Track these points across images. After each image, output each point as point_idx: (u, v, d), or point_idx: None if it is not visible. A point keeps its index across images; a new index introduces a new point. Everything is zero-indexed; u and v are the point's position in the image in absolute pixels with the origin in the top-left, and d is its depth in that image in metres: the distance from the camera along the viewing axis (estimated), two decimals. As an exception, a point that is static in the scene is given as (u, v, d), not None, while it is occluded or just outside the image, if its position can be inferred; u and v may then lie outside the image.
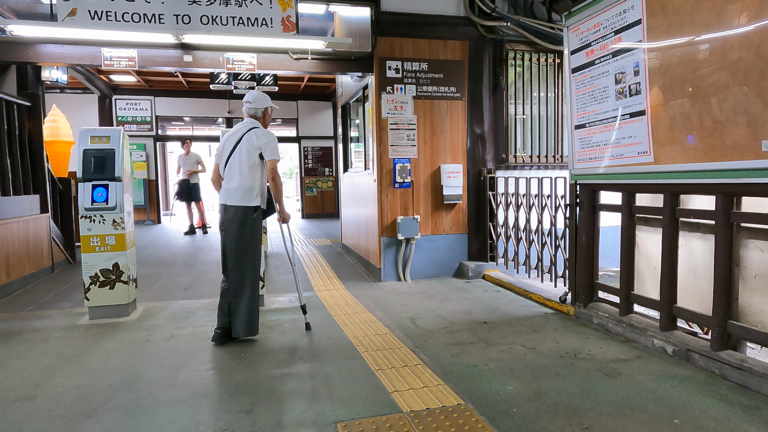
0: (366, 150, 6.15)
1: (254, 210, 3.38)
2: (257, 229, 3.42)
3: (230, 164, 3.39)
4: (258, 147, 3.37)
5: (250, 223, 3.36)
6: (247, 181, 3.34)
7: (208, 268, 6.13)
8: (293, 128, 12.94)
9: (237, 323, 3.34)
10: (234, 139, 3.41)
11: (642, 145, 3.11)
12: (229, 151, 3.41)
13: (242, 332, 3.32)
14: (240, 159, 3.35)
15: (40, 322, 3.91)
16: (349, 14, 5.84)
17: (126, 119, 11.51)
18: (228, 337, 3.37)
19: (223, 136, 3.55)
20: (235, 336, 3.36)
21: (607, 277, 4.77)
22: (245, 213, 3.34)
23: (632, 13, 3.13)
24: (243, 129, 3.43)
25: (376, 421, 2.22)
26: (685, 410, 2.32)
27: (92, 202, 3.89)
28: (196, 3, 4.50)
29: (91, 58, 4.74)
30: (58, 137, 6.66)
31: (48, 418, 2.33)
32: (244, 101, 3.51)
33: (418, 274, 5.42)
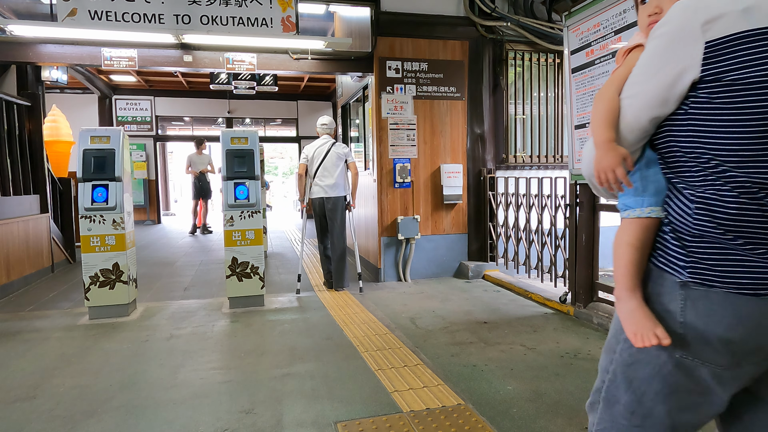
0: (366, 150, 6.15)
1: (344, 198, 4.89)
2: (345, 211, 4.91)
3: (324, 167, 4.81)
4: (344, 155, 4.86)
5: (341, 207, 4.84)
6: (339, 179, 4.83)
7: (208, 268, 6.13)
8: (293, 128, 12.94)
9: (335, 280, 4.83)
10: (323, 150, 4.84)
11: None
12: (320, 158, 4.81)
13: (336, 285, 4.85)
14: (333, 164, 4.81)
15: (40, 322, 3.91)
16: (349, 14, 5.84)
17: (126, 119, 11.51)
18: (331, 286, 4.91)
19: (310, 147, 4.94)
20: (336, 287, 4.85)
21: (607, 277, 4.77)
22: (341, 201, 4.84)
23: (632, 14, 3.13)
24: (327, 143, 4.88)
25: (376, 421, 2.22)
26: (685, 410, 2.32)
27: (92, 202, 3.89)
28: (196, 3, 4.50)
29: (91, 58, 4.74)
30: (58, 137, 6.66)
31: (48, 418, 2.33)
32: (320, 124, 4.95)
33: (418, 274, 5.42)
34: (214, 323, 3.80)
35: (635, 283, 0.98)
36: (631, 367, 1.00)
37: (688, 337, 0.92)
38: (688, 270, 0.91)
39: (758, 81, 0.83)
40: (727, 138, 0.86)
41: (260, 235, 4.27)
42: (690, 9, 0.88)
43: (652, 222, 0.98)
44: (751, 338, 0.87)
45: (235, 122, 12.76)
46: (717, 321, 0.88)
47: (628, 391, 1.01)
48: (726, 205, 0.87)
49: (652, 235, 0.98)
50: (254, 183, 4.25)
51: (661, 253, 0.96)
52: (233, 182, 4.20)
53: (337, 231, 4.83)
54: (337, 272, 4.86)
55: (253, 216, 4.23)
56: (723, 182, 0.87)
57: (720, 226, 0.87)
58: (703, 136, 0.89)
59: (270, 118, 12.98)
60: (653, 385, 0.97)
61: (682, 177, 0.93)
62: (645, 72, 0.93)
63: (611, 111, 0.97)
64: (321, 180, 4.83)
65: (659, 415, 0.98)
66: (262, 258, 4.26)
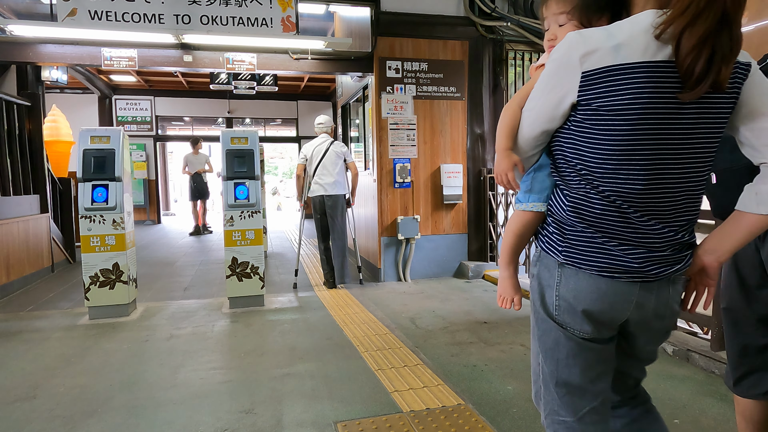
0: (366, 150, 6.15)
1: (344, 197, 4.93)
2: (345, 209, 4.97)
3: (323, 166, 4.85)
4: (343, 153, 4.92)
5: (341, 204, 4.89)
6: (339, 177, 4.88)
7: (208, 268, 6.13)
8: (293, 128, 12.93)
9: (337, 275, 4.87)
10: (322, 148, 4.88)
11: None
12: (319, 157, 4.85)
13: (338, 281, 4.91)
14: (331, 162, 4.85)
15: (40, 322, 3.91)
16: (349, 14, 5.84)
17: (126, 119, 11.50)
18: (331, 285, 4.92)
19: (309, 146, 4.98)
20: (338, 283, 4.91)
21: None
22: (341, 199, 4.89)
23: (632, 13, 3.12)
24: (326, 141, 4.92)
25: (376, 421, 2.22)
26: (685, 410, 2.32)
27: (92, 202, 3.88)
28: (196, 3, 4.50)
29: (91, 58, 4.74)
30: (58, 137, 6.66)
31: (48, 418, 2.33)
32: (317, 123, 5.02)
33: (418, 274, 5.42)
34: (214, 323, 3.80)
35: (511, 260, 1.24)
36: (542, 338, 1.16)
37: (562, 308, 1.10)
38: (563, 253, 1.09)
39: (617, 109, 0.96)
40: (593, 154, 1.02)
41: (260, 235, 4.27)
42: (574, 41, 0.99)
43: (534, 215, 1.16)
44: (606, 313, 1.07)
45: (235, 122, 12.75)
46: (582, 296, 1.07)
47: (548, 360, 1.15)
48: (591, 208, 1.05)
49: (532, 226, 1.18)
50: (254, 183, 4.25)
51: (547, 239, 1.14)
52: (233, 182, 4.20)
53: (337, 228, 4.88)
54: (339, 268, 4.90)
55: (253, 216, 4.23)
56: (591, 188, 1.04)
57: (585, 223, 1.05)
58: (578, 150, 1.05)
59: (270, 118, 12.98)
60: (559, 351, 1.13)
61: (563, 180, 1.10)
62: (539, 91, 1.07)
63: (512, 123, 1.12)
64: (320, 178, 4.88)
65: (576, 378, 1.12)
66: (262, 258, 4.26)
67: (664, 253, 1.05)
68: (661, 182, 1.01)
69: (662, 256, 1.05)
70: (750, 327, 1.51)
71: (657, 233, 1.04)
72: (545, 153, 1.15)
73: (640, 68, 0.95)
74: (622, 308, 1.07)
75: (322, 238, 5.01)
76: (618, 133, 0.98)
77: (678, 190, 1.03)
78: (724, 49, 0.93)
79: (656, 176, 1.01)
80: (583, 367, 1.12)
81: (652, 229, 1.03)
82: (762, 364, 1.51)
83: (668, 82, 0.95)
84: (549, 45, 1.17)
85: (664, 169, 1.01)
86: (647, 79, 0.95)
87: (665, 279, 1.07)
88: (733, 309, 1.55)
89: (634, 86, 0.96)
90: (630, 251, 1.04)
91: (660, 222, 1.04)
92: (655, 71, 0.95)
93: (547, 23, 1.18)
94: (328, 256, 4.99)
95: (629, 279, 1.05)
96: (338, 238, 4.90)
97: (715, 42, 0.92)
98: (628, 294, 1.06)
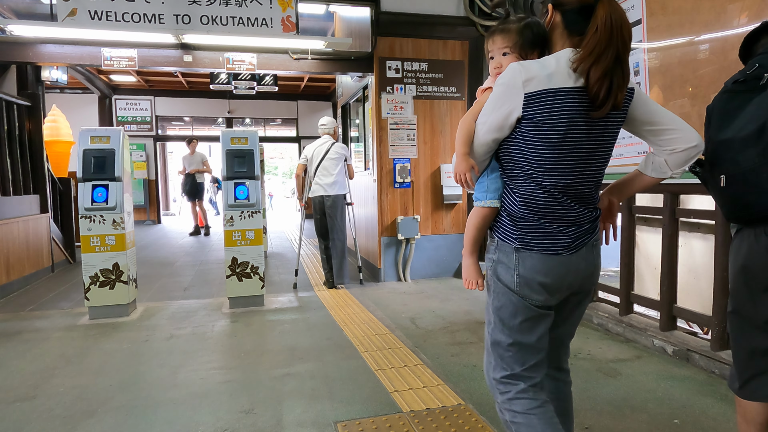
0: (366, 150, 6.15)
1: (344, 197, 4.97)
2: (345, 209, 5.01)
3: (323, 166, 4.89)
4: (343, 154, 4.95)
5: (341, 204, 4.93)
6: (339, 177, 4.91)
7: (208, 268, 6.13)
8: (293, 128, 12.94)
9: (336, 275, 4.90)
10: (323, 149, 4.92)
11: (642, 145, 3.11)
12: (320, 158, 4.89)
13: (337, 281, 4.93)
14: (332, 163, 4.89)
15: (40, 322, 3.91)
16: (349, 14, 5.84)
17: (126, 119, 11.51)
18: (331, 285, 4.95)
19: (310, 147, 5.02)
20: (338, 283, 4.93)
21: (607, 277, 4.77)
22: (341, 199, 4.93)
23: (632, 13, 3.13)
24: (327, 143, 4.96)
25: (376, 421, 2.22)
26: (685, 410, 2.32)
27: (92, 202, 3.88)
28: (196, 3, 4.49)
29: (91, 58, 4.74)
30: (58, 137, 6.65)
31: (48, 418, 2.33)
32: (320, 124, 5.07)
33: (418, 274, 5.42)
34: (214, 323, 3.80)
35: (474, 249, 1.47)
36: (500, 310, 1.44)
37: (522, 284, 1.38)
38: (518, 240, 1.37)
39: (551, 122, 1.28)
40: (535, 156, 1.32)
41: (260, 235, 4.27)
42: (517, 70, 1.30)
43: (490, 210, 1.43)
44: (556, 281, 1.38)
45: (235, 122, 12.76)
46: (536, 272, 1.36)
47: (505, 328, 1.44)
48: (536, 199, 1.34)
49: (489, 220, 1.44)
50: (254, 183, 4.25)
51: (502, 230, 1.41)
52: (233, 182, 4.20)
53: (337, 228, 4.91)
54: (338, 268, 4.93)
55: (253, 216, 4.23)
56: (535, 184, 1.34)
57: (533, 213, 1.35)
58: (524, 154, 1.34)
59: (270, 118, 12.99)
60: (516, 319, 1.41)
61: (512, 180, 1.38)
62: (491, 107, 1.35)
63: (469, 132, 1.39)
64: (320, 179, 4.91)
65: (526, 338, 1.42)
66: (262, 258, 4.26)
67: (585, 227, 1.40)
68: (583, 175, 1.35)
69: (584, 230, 1.40)
70: (757, 330, 1.50)
71: (580, 213, 1.37)
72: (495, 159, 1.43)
73: (567, 92, 1.28)
74: (566, 275, 1.38)
75: (322, 239, 5.02)
76: (553, 140, 1.30)
77: (592, 179, 1.38)
78: (619, 80, 1.27)
79: (579, 170, 1.34)
80: (532, 329, 1.42)
81: (577, 211, 1.37)
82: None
83: (584, 103, 1.28)
84: (495, 72, 1.46)
85: (584, 165, 1.34)
86: (572, 99, 1.28)
87: (589, 245, 1.41)
88: (740, 312, 1.54)
89: (563, 105, 1.28)
90: (565, 230, 1.36)
91: (581, 204, 1.38)
92: (577, 94, 1.28)
93: (493, 54, 1.47)
94: (328, 255, 5.00)
95: (568, 252, 1.37)
96: (338, 239, 4.91)
97: (613, 75, 1.26)
98: (567, 264, 1.37)
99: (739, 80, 1.50)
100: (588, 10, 1.29)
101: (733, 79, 1.53)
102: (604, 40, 1.25)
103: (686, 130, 1.37)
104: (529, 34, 1.41)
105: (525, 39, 1.41)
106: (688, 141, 1.36)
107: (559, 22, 1.36)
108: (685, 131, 1.37)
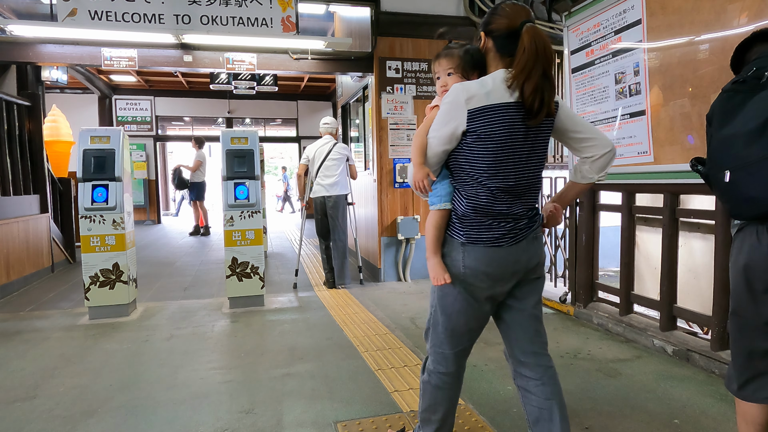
0: (366, 150, 6.15)
1: (346, 197, 5.00)
2: (347, 209, 5.03)
3: (325, 166, 4.89)
4: (345, 155, 4.97)
5: (343, 204, 4.95)
6: (341, 178, 4.93)
7: (208, 268, 6.13)
8: (293, 128, 12.94)
9: (337, 276, 4.93)
10: (325, 150, 4.92)
11: (642, 145, 3.11)
12: (321, 158, 4.89)
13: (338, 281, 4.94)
14: (334, 164, 4.89)
15: (40, 322, 3.91)
16: (349, 14, 5.84)
17: (126, 119, 11.51)
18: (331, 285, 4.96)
19: (312, 147, 5.01)
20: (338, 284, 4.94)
21: (607, 277, 4.77)
22: (342, 199, 4.94)
23: (632, 13, 3.13)
24: (329, 143, 4.95)
25: (376, 421, 2.22)
26: (685, 410, 2.32)
27: (92, 202, 3.88)
28: (196, 3, 4.49)
29: (91, 58, 4.74)
30: (58, 137, 6.65)
31: (48, 418, 2.33)
32: (323, 123, 5.05)
33: (419, 274, 5.42)
34: (214, 323, 3.80)
35: (436, 248, 1.61)
36: (442, 299, 1.64)
37: (467, 274, 1.56)
38: (464, 236, 1.56)
39: (492, 133, 1.48)
40: (480, 163, 1.51)
41: (260, 235, 4.27)
42: (460, 90, 1.50)
43: (445, 212, 1.60)
44: (499, 270, 1.56)
45: (235, 122, 12.76)
46: (480, 262, 1.55)
47: (444, 314, 1.65)
48: (480, 200, 1.54)
49: (445, 220, 1.61)
50: (254, 183, 4.25)
51: (452, 228, 1.60)
52: (233, 182, 4.20)
53: (339, 228, 4.92)
54: (339, 268, 4.94)
55: (253, 216, 4.23)
56: (480, 187, 1.53)
57: (477, 212, 1.54)
58: (470, 162, 1.53)
59: (270, 118, 12.99)
60: (455, 306, 1.61)
61: (460, 184, 1.58)
62: (440, 123, 1.54)
63: (422, 145, 1.58)
64: (322, 179, 4.92)
65: (460, 324, 1.64)
66: (262, 258, 4.26)
67: (524, 222, 1.58)
68: (522, 176, 1.54)
69: (524, 225, 1.58)
70: (757, 331, 1.50)
71: (520, 211, 1.56)
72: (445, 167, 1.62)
73: (504, 107, 1.48)
74: (507, 265, 1.56)
75: (323, 239, 5.02)
76: (495, 148, 1.50)
77: (530, 181, 1.57)
78: (549, 92, 1.48)
79: (519, 173, 1.54)
80: (469, 319, 1.63)
81: (517, 209, 1.56)
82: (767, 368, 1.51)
83: (520, 114, 1.49)
84: (441, 90, 1.64)
85: (523, 168, 1.54)
86: (508, 113, 1.48)
87: (530, 238, 1.59)
88: (740, 313, 1.54)
89: (502, 117, 1.48)
90: (506, 225, 1.55)
91: (521, 203, 1.57)
92: (512, 108, 1.48)
93: (439, 75, 1.66)
94: (329, 255, 5.00)
95: (508, 244, 1.55)
96: (339, 239, 4.92)
97: (543, 88, 1.46)
98: (508, 255, 1.55)
99: (739, 80, 1.50)
100: (515, 35, 1.49)
101: (732, 81, 1.53)
102: (532, 60, 1.44)
103: (602, 139, 1.61)
104: (469, 58, 1.62)
105: (466, 62, 1.62)
106: (603, 147, 1.60)
107: (492, 47, 1.57)
108: (601, 139, 1.61)
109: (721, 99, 1.53)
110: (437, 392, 1.70)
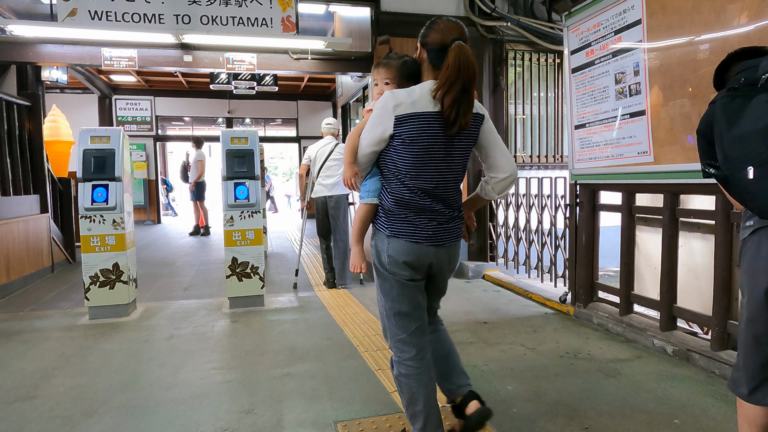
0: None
1: (347, 197, 5.03)
2: (348, 209, 5.06)
3: (327, 167, 4.89)
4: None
5: (344, 204, 4.99)
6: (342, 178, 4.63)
7: (208, 268, 6.13)
8: (293, 128, 12.94)
9: (338, 276, 4.97)
10: (326, 150, 4.92)
11: (642, 145, 3.11)
12: (323, 159, 4.89)
13: (339, 282, 4.99)
14: (335, 164, 4.88)
15: (40, 322, 3.91)
16: (349, 14, 5.84)
17: (126, 119, 11.51)
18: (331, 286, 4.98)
19: (313, 147, 5.00)
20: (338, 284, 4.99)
21: (607, 277, 4.77)
22: (344, 199, 4.98)
23: (632, 13, 3.13)
24: (330, 143, 4.96)
25: (376, 421, 2.22)
26: (685, 410, 2.32)
27: (92, 202, 3.88)
28: (196, 3, 4.50)
29: (91, 58, 4.75)
30: (58, 137, 6.65)
31: (48, 418, 2.33)
32: (325, 123, 5.06)
33: (418, 274, 5.40)
34: (214, 323, 3.80)
35: (359, 238, 1.82)
36: (381, 285, 1.80)
37: (390, 262, 1.73)
38: (389, 229, 1.73)
39: (415, 138, 1.65)
40: (404, 164, 1.68)
41: (260, 235, 4.27)
42: (390, 97, 1.66)
43: (372, 206, 1.78)
44: (416, 261, 1.73)
45: (235, 122, 12.75)
46: (402, 253, 1.72)
47: (387, 299, 1.79)
48: (404, 197, 1.71)
49: (371, 214, 1.79)
50: (254, 183, 4.25)
51: (379, 221, 1.77)
52: (233, 182, 4.20)
53: (340, 228, 4.93)
54: (341, 268, 4.95)
55: (253, 216, 4.23)
56: (403, 186, 1.70)
57: (401, 207, 1.71)
58: (395, 162, 1.70)
59: (270, 118, 12.99)
60: (393, 291, 1.77)
61: (387, 182, 1.75)
62: (371, 126, 1.70)
63: (354, 146, 1.74)
64: (324, 179, 4.92)
65: (405, 307, 1.78)
66: (262, 258, 4.26)
67: (448, 224, 1.75)
68: (442, 180, 1.72)
69: (447, 227, 1.75)
70: None
71: (442, 211, 1.74)
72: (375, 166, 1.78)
73: (427, 115, 1.64)
74: (426, 259, 1.74)
75: (324, 239, 5.03)
76: (417, 152, 1.66)
77: (451, 185, 1.75)
78: (465, 106, 1.63)
79: (439, 177, 1.71)
80: (408, 299, 1.78)
81: (439, 209, 1.73)
82: None
83: (439, 123, 1.64)
84: (377, 96, 1.77)
85: (443, 173, 1.71)
86: (430, 121, 1.64)
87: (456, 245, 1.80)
88: (756, 321, 1.53)
89: (424, 125, 1.64)
90: (428, 224, 1.72)
91: (443, 204, 1.74)
92: (434, 117, 1.64)
93: (377, 82, 1.81)
94: (329, 255, 5.00)
95: (428, 243, 1.72)
96: (341, 239, 4.92)
97: (460, 103, 1.61)
98: (428, 252, 1.73)
99: (731, 88, 1.48)
100: (445, 49, 1.63)
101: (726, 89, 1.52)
102: (454, 75, 1.59)
103: (508, 164, 1.82)
104: (406, 69, 1.77)
105: (402, 73, 1.77)
106: (505, 172, 1.81)
107: (426, 58, 1.73)
108: (506, 164, 1.81)
109: (721, 104, 1.50)
110: (410, 381, 1.78)
